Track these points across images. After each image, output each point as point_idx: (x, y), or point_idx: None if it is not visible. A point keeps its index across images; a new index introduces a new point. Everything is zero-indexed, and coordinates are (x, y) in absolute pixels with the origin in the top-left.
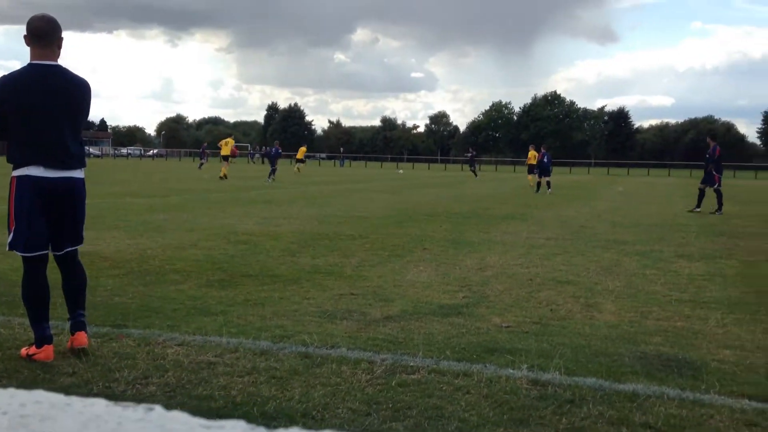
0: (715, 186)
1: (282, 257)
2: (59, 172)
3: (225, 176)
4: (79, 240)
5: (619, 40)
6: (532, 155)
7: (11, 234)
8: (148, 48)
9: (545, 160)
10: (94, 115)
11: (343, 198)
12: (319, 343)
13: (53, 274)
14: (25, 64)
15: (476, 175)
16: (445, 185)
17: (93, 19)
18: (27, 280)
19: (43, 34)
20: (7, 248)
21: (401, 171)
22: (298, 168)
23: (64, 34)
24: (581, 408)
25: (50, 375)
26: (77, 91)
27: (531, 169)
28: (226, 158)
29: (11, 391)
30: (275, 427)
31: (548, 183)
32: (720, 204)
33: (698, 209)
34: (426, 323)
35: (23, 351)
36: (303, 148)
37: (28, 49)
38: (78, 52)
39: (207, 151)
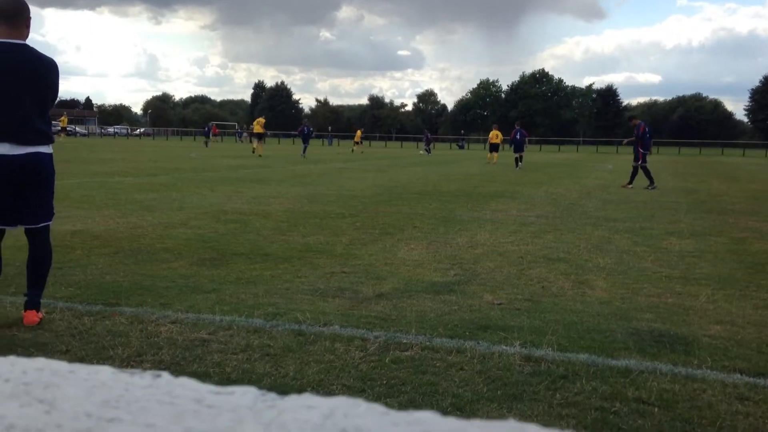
0: (639, 162)
1: (272, 236)
2: (25, 148)
3: (259, 153)
4: (47, 216)
5: (606, 17)
6: (494, 134)
7: None
8: (131, 25)
9: (518, 136)
10: (80, 93)
11: (331, 177)
12: (312, 320)
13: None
14: None
15: (428, 153)
16: (434, 163)
17: None
18: None
19: (10, 14)
20: None
21: (464, 146)
22: (353, 149)
23: (47, 11)
24: (574, 383)
25: (43, 353)
26: (43, 69)
27: (493, 148)
28: (259, 136)
29: (12, 359)
30: (287, 393)
31: (519, 158)
32: (640, 178)
33: (630, 185)
34: (418, 301)
35: None
36: (359, 132)
37: None
38: (61, 30)
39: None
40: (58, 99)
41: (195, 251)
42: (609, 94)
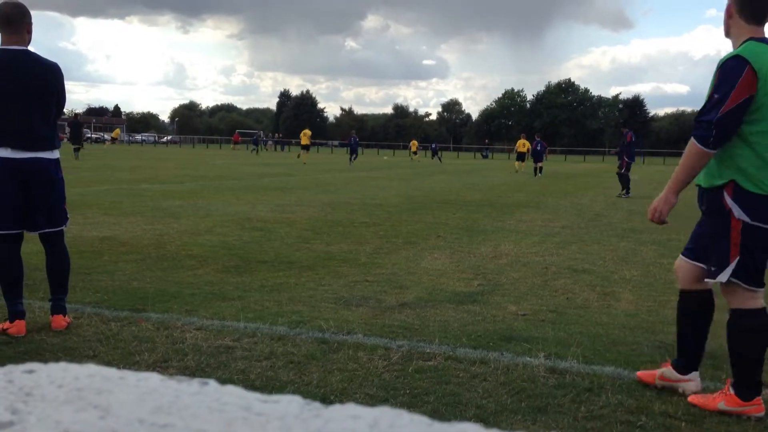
0: (622, 170)
1: (296, 244)
2: (27, 153)
3: (304, 161)
4: (58, 222)
5: (633, 27)
6: (521, 144)
7: None
8: (160, 34)
9: (539, 147)
10: (109, 101)
11: (356, 185)
12: (335, 329)
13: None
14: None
15: (440, 161)
16: (458, 173)
17: (106, 5)
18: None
19: (11, 20)
20: None
21: (488, 155)
22: (411, 158)
23: (78, 20)
24: (600, 396)
25: (71, 357)
26: (45, 74)
27: (519, 157)
28: (305, 147)
29: (63, 365)
30: (331, 402)
31: (540, 168)
32: (625, 187)
33: (628, 194)
34: (441, 310)
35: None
36: (415, 141)
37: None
38: (92, 38)
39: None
40: (87, 107)
41: (220, 258)
42: (636, 104)
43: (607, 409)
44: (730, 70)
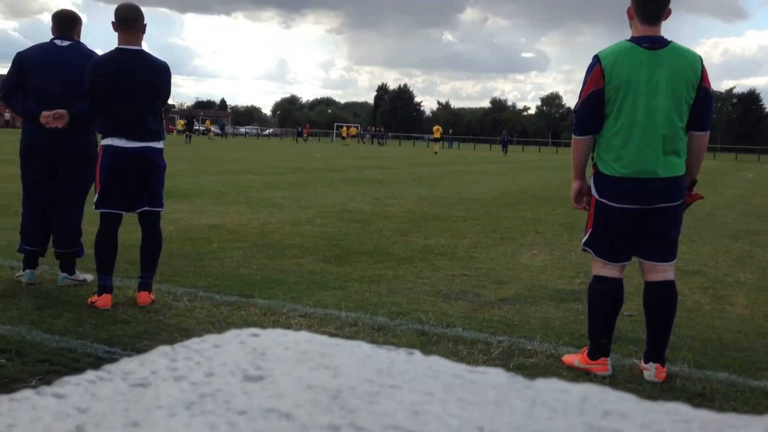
0: None
1: (394, 236)
2: (137, 143)
3: (435, 151)
4: (157, 203)
5: (748, 17)
6: None
7: (96, 195)
8: (263, 30)
9: None
10: (215, 94)
11: (451, 179)
12: (434, 321)
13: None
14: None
15: (305, 141)
16: (557, 168)
17: (213, 2)
18: (100, 235)
19: (129, 21)
20: (93, 207)
21: None
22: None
23: (187, 16)
24: (713, 402)
25: (186, 338)
26: (156, 72)
27: None
28: (436, 140)
29: (281, 331)
30: (534, 377)
31: None
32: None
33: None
34: (542, 307)
35: (90, 299)
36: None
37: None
38: (200, 34)
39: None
40: (195, 101)
41: (321, 248)
42: (751, 98)
43: None
44: (588, 67)
